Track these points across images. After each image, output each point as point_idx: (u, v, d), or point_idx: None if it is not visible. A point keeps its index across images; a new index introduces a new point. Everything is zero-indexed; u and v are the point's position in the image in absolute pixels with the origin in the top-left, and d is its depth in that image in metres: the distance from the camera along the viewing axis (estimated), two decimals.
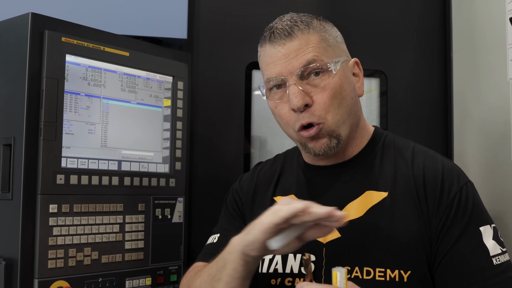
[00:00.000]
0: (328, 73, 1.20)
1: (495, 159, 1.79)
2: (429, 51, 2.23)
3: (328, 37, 1.24)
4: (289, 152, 1.45)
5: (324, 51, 1.21)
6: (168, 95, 1.75)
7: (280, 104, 1.23)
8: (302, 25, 1.22)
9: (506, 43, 1.74)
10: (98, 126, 1.57)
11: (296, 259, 1.24)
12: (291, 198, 1.13)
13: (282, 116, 1.23)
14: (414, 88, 2.22)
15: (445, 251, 1.16)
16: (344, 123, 1.22)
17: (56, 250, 1.45)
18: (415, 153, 1.27)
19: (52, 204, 1.45)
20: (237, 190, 1.44)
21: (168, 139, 1.74)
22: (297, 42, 1.20)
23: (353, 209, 1.23)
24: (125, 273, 1.60)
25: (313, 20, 1.24)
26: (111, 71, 1.61)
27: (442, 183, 1.20)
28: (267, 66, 1.24)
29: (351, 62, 1.29)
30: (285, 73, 1.20)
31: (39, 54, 1.46)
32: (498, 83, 1.77)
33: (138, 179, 1.65)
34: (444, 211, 1.17)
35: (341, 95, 1.21)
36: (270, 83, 1.23)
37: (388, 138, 1.32)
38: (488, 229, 1.18)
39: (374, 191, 1.23)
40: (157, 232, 1.68)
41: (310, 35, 1.21)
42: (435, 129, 2.20)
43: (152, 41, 1.79)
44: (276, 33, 1.22)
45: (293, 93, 1.18)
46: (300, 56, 1.19)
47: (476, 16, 1.94)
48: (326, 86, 1.19)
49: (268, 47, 1.24)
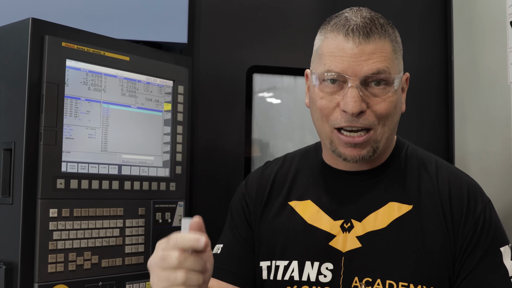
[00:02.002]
0: (391, 87, 1.16)
1: (496, 162, 1.79)
2: (430, 54, 2.23)
3: (397, 48, 1.20)
4: (303, 152, 1.39)
5: (392, 63, 1.17)
6: (169, 99, 1.76)
7: (329, 97, 1.17)
8: (381, 29, 1.16)
9: (506, 47, 1.74)
10: (98, 131, 1.57)
11: (314, 267, 1.21)
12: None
13: (324, 109, 1.18)
14: (415, 91, 2.21)
15: (468, 271, 1.15)
16: (387, 138, 1.20)
17: (56, 254, 1.45)
18: (439, 167, 1.25)
19: (52, 208, 1.45)
20: (243, 195, 1.37)
21: (168, 143, 1.75)
22: (372, 45, 1.14)
23: (375, 219, 1.20)
24: (125, 277, 1.60)
25: (388, 26, 1.19)
26: (111, 76, 1.62)
27: (468, 200, 1.18)
28: (332, 57, 1.16)
29: (404, 77, 1.26)
30: (350, 72, 1.14)
31: (40, 59, 1.46)
32: (498, 87, 1.77)
33: (138, 183, 1.65)
34: (470, 230, 1.16)
35: (395, 110, 1.18)
36: (327, 75, 1.16)
37: (410, 149, 1.30)
38: (507, 249, 1.18)
39: (397, 203, 1.21)
40: (158, 236, 1.68)
41: (386, 42, 1.16)
42: (436, 132, 2.20)
43: (152, 46, 1.80)
44: (355, 28, 1.15)
45: (353, 97, 1.13)
46: (372, 62, 1.14)
47: (477, 20, 1.94)
48: (386, 99, 1.15)
49: (341, 37, 1.15)
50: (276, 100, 2.20)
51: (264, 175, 1.37)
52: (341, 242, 1.20)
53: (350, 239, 1.19)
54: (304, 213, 1.26)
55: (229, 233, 1.36)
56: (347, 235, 1.20)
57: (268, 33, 2.14)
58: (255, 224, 1.32)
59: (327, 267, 1.20)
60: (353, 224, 1.21)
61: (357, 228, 1.20)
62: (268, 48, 2.14)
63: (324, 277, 1.19)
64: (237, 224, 1.35)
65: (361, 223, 1.20)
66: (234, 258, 1.31)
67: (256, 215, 1.32)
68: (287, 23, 2.15)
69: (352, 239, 1.19)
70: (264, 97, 2.18)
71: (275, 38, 2.12)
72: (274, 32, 2.13)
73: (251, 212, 1.34)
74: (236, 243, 1.33)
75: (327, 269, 1.19)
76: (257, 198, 1.34)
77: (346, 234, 1.20)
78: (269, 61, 2.15)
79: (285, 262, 1.24)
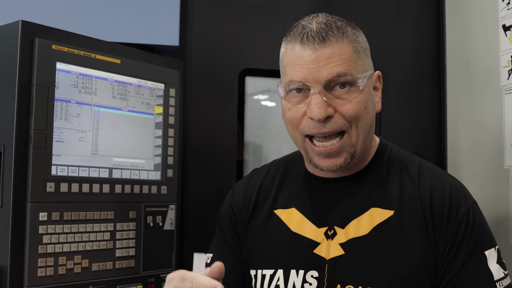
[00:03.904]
0: (355, 88, 1.15)
1: (488, 166, 1.79)
2: (423, 57, 2.23)
3: (360, 48, 1.18)
4: (288, 159, 1.38)
5: (354, 64, 1.15)
6: (160, 102, 1.75)
7: (295, 108, 1.17)
8: (338, 32, 1.15)
9: (499, 50, 1.74)
10: (89, 134, 1.57)
11: (299, 276, 1.20)
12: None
13: (293, 119, 1.18)
14: (407, 93, 2.22)
15: (451, 276, 1.14)
16: (363, 140, 1.18)
17: (46, 258, 1.44)
18: (421, 170, 1.24)
19: (42, 212, 1.44)
20: (230, 204, 1.37)
21: (160, 146, 1.74)
22: (329, 49, 1.13)
23: (357, 226, 1.19)
24: (116, 281, 1.59)
25: (348, 27, 1.17)
26: (102, 79, 1.61)
27: (450, 204, 1.17)
28: (293, 67, 1.16)
29: (374, 76, 1.24)
30: (311, 79, 1.13)
31: (29, 62, 1.45)
32: (491, 90, 1.77)
33: (129, 186, 1.64)
34: (451, 235, 1.15)
35: (366, 110, 1.17)
36: (291, 85, 1.16)
37: (393, 152, 1.28)
38: (493, 252, 1.16)
39: (379, 209, 1.20)
40: (149, 239, 1.68)
41: (344, 44, 1.14)
42: (429, 136, 2.19)
43: (144, 48, 1.79)
44: (310, 35, 1.14)
45: (316, 103, 1.12)
46: (331, 66, 1.13)
47: (470, 23, 1.94)
48: (352, 100, 1.14)
49: (298, 47, 1.15)
50: (269, 103, 2.20)
51: (250, 184, 1.37)
52: (325, 249, 1.19)
53: (334, 247, 1.19)
54: (289, 221, 1.26)
55: (218, 242, 1.36)
56: (330, 243, 1.20)
57: (260, 36, 2.14)
58: (242, 232, 1.32)
59: (312, 275, 1.19)
60: (336, 231, 1.20)
61: (340, 235, 1.19)
62: (261, 51, 2.13)
63: (309, 285, 1.18)
64: (226, 233, 1.35)
65: (344, 230, 1.19)
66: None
67: (243, 224, 1.33)
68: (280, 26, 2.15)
69: (335, 247, 1.19)
70: (256, 100, 2.17)
71: (267, 41, 2.11)
72: (266, 34, 2.12)
73: (238, 221, 1.34)
74: (225, 253, 1.33)
75: (312, 277, 1.19)
76: (244, 207, 1.34)
77: (330, 242, 1.20)
78: (261, 64, 2.14)
79: (270, 271, 1.24)
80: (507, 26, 1.71)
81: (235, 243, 1.33)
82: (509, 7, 1.70)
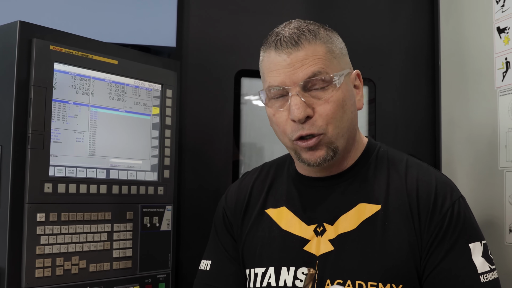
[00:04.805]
0: (332, 86, 1.18)
1: (483, 167, 1.80)
2: (418, 59, 2.24)
3: (334, 48, 1.22)
4: (279, 161, 1.42)
5: (329, 63, 1.19)
6: (157, 103, 1.75)
7: (279, 113, 1.20)
8: (310, 35, 1.19)
9: (493, 52, 1.75)
10: (86, 135, 1.57)
11: (290, 273, 1.22)
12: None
13: (279, 124, 1.21)
14: (402, 95, 2.23)
15: (433, 266, 1.16)
16: (343, 137, 1.21)
17: (44, 259, 1.44)
18: (409, 166, 1.26)
19: (39, 213, 1.44)
20: (224, 208, 1.40)
21: (156, 147, 1.74)
22: (303, 52, 1.17)
23: (346, 221, 1.22)
24: (113, 282, 1.59)
25: (320, 30, 1.22)
26: (100, 79, 1.61)
27: (435, 197, 1.19)
28: (270, 73, 1.21)
29: (353, 74, 1.27)
30: (288, 82, 1.17)
31: (27, 62, 1.45)
32: (485, 92, 1.78)
33: (126, 187, 1.64)
34: (436, 226, 1.17)
35: (343, 109, 1.19)
36: (271, 91, 1.20)
37: (381, 150, 1.31)
38: (478, 246, 1.17)
39: (367, 204, 1.22)
40: (145, 240, 1.68)
41: (317, 45, 1.18)
42: (423, 137, 2.20)
43: (141, 49, 1.80)
44: (282, 40, 1.19)
45: (295, 104, 1.16)
46: (306, 67, 1.17)
47: (464, 25, 1.95)
48: (329, 99, 1.17)
49: (272, 53, 1.20)
50: None
51: (242, 186, 1.40)
52: (315, 246, 1.22)
53: (323, 243, 1.22)
54: (280, 219, 1.29)
55: (215, 248, 1.38)
56: (320, 239, 1.22)
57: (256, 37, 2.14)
58: (237, 235, 1.35)
59: (303, 272, 1.21)
60: (326, 227, 1.23)
61: (329, 231, 1.22)
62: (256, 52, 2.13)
63: (300, 282, 1.21)
64: (222, 238, 1.38)
65: (333, 226, 1.22)
66: (224, 274, 1.34)
67: (237, 226, 1.35)
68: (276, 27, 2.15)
69: (325, 243, 1.21)
70: (252, 101, 2.18)
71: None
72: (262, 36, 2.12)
73: (232, 225, 1.37)
74: (224, 258, 1.35)
75: (303, 274, 1.21)
76: (237, 209, 1.37)
77: (319, 238, 1.22)
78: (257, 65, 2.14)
79: (262, 269, 1.26)
80: (502, 28, 1.73)
81: (232, 248, 1.35)
82: (504, 9, 1.72)
